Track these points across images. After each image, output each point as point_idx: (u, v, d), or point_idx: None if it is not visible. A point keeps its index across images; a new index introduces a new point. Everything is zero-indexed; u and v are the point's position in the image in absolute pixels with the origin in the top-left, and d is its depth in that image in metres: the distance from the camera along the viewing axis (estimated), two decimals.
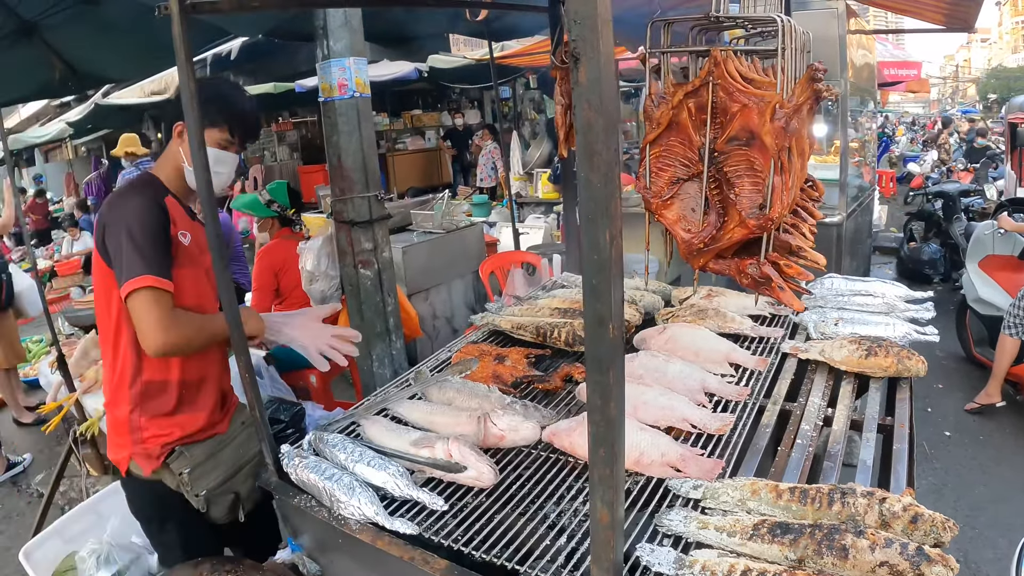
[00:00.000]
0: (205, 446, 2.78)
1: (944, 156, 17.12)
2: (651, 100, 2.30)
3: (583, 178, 1.19)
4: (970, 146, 17.28)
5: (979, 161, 14.70)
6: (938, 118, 27.88)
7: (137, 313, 2.45)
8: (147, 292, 2.43)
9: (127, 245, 2.44)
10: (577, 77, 1.15)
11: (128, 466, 2.75)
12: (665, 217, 2.35)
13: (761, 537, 1.85)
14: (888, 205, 14.93)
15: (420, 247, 6.99)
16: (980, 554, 4.49)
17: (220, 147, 2.74)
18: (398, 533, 2.12)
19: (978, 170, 14.00)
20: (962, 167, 14.46)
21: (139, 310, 2.44)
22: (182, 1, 2.14)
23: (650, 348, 3.16)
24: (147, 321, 2.44)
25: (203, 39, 7.27)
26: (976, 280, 6.96)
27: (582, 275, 1.25)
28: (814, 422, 2.58)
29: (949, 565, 1.66)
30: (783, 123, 1.99)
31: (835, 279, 3.74)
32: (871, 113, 8.97)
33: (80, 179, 20.28)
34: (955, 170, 14.68)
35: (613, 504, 1.45)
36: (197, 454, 2.74)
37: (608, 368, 1.30)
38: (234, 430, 2.92)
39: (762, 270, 2.18)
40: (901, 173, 17.89)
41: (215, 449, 2.81)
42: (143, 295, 2.43)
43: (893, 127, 26.89)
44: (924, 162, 17.35)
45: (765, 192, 2.08)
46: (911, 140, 24.45)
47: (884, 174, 17.05)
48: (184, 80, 2.20)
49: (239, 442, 2.90)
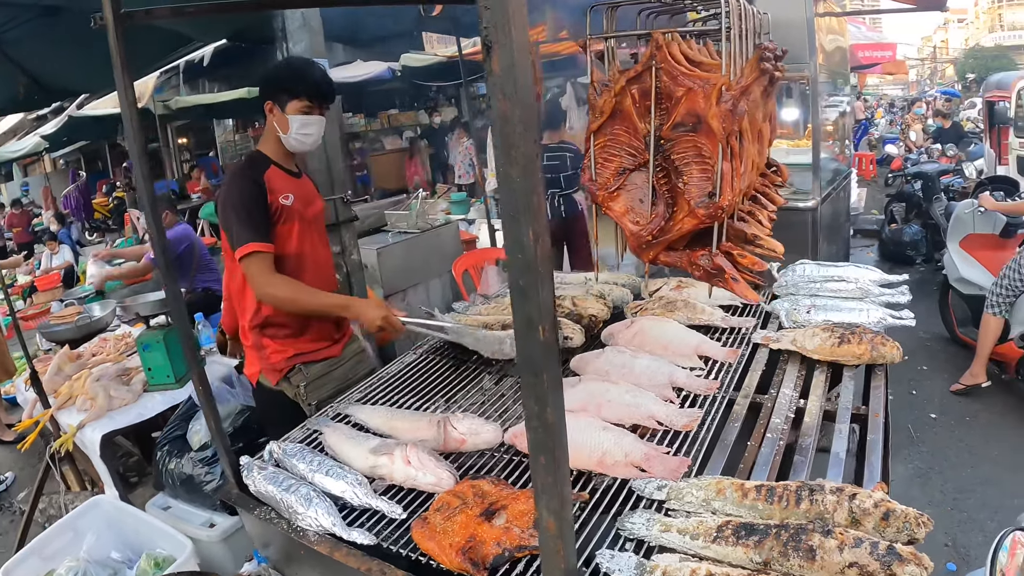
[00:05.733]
0: (320, 366, 3.40)
1: (910, 144, 17.07)
2: (594, 88, 2.24)
3: (502, 173, 1.12)
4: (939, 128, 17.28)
5: (946, 143, 14.70)
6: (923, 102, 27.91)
7: (246, 272, 3.08)
8: (250, 257, 3.03)
9: (232, 219, 3.06)
10: (490, 66, 1.08)
11: (259, 379, 3.41)
12: (612, 209, 2.27)
13: (725, 539, 1.79)
14: (869, 187, 14.95)
15: (395, 248, 6.97)
16: (969, 538, 4.45)
17: (303, 113, 3.19)
18: (356, 543, 2.10)
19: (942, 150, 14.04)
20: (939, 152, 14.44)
21: (246, 270, 3.07)
22: (116, 11, 2.21)
23: (618, 343, 3.11)
24: (251, 278, 3.08)
25: (168, 46, 7.17)
26: (957, 260, 6.92)
27: (508, 276, 1.19)
28: (785, 414, 2.52)
29: (922, 564, 1.61)
30: (730, 106, 1.91)
31: (807, 265, 3.67)
32: (846, 95, 8.94)
33: (58, 192, 20.20)
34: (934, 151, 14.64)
35: (559, 512, 1.39)
36: (313, 371, 3.36)
37: (541, 371, 1.23)
38: (346, 355, 3.57)
39: (714, 261, 2.10)
40: (881, 155, 17.89)
41: (328, 369, 3.43)
42: (248, 259, 3.03)
43: (872, 109, 26.89)
44: (901, 144, 17.37)
45: (715, 179, 2.01)
46: (890, 122, 24.44)
47: (864, 157, 17.06)
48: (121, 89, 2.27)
49: (349, 366, 3.55)
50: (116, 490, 4.43)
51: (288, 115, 3.16)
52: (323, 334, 3.46)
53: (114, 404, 4.55)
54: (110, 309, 6.40)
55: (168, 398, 4.67)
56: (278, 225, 3.19)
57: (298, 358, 3.34)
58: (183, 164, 19.41)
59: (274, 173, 3.24)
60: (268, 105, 3.22)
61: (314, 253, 3.39)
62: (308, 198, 3.41)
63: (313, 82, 3.21)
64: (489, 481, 2.20)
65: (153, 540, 3.63)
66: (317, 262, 3.42)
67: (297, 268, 3.27)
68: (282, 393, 3.37)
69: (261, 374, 3.40)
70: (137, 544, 3.70)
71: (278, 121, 3.21)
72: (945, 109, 19.42)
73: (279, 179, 3.25)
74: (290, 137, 3.20)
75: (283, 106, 3.16)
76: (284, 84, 3.19)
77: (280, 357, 3.33)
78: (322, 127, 3.29)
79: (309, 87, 3.18)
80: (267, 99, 3.22)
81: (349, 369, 3.54)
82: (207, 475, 3.93)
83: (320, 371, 3.39)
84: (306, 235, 3.34)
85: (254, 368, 3.42)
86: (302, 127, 3.19)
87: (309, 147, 3.31)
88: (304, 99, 3.17)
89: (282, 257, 3.20)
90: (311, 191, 3.50)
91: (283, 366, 3.33)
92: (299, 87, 3.17)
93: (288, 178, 3.32)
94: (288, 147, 3.28)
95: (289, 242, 3.24)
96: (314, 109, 3.21)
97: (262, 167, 3.23)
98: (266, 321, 3.30)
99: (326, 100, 3.26)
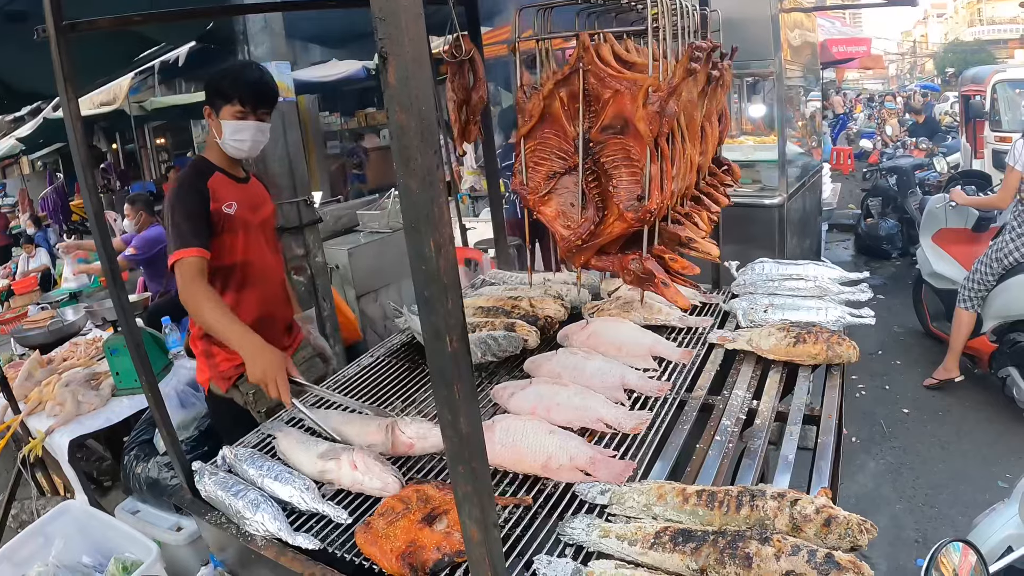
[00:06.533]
0: None
1: (886, 138, 17.11)
2: (522, 92, 2.23)
3: (401, 185, 1.12)
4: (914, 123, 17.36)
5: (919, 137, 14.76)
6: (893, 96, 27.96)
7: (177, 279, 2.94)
8: (177, 263, 2.92)
9: (169, 224, 3.00)
10: (386, 78, 1.07)
11: (209, 386, 3.39)
12: (544, 214, 2.27)
13: (663, 545, 1.79)
14: (847, 182, 15.00)
15: (367, 248, 6.96)
16: (940, 534, 4.44)
17: (236, 119, 3.11)
18: (302, 548, 2.10)
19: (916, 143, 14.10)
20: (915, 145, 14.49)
21: (177, 277, 2.94)
22: (58, 23, 2.21)
23: (572, 344, 3.11)
24: (179, 285, 2.94)
25: (137, 48, 7.16)
26: (930, 254, 6.97)
27: (414, 287, 1.18)
28: (736, 416, 2.52)
29: (861, 572, 1.59)
30: (657, 107, 1.90)
31: (766, 263, 3.65)
32: (816, 91, 8.96)
33: (35, 195, 20.03)
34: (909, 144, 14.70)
35: (482, 521, 1.38)
36: None
37: (453, 382, 1.23)
38: (296, 361, 3.36)
39: (644, 265, 2.10)
40: (859, 150, 17.95)
41: None
42: (177, 265, 2.92)
43: (851, 104, 26.93)
44: (878, 139, 17.42)
45: (643, 182, 2.00)
46: (868, 116, 24.49)
47: (842, 151, 17.14)
48: (64, 101, 2.31)
49: (299, 371, 3.20)
50: (86, 495, 4.40)
51: (222, 120, 3.11)
52: (271, 340, 3.22)
53: (82, 409, 4.53)
54: (82, 313, 6.37)
55: (136, 402, 4.63)
56: (222, 234, 3.13)
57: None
58: (161, 165, 19.31)
59: (218, 180, 3.19)
60: (207, 110, 3.17)
61: (261, 261, 3.35)
62: (255, 203, 3.36)
63: (246, 86, 3.12)
64: (434, 485, 2.19)
65: (121, 544, 3.62)
66: (264, 270, 3.39)
67: (242, 277, 3.26)
68: (232, 400, 3.35)
69: (211, 381, 3.38)
70: (106, 548, 3.69)
71: (214, 127, 3.16)
72: (917, 105, 19.51)
73: (223, 186, 3.19)
74: (225, 143, 3.16)
75: (218, 111, 3.11)
76: (218, 88, 3.11)
77: (229, 365, 3.28)
78: (260, 133, 3.22)
79: (242, 91, 3.10)
80: (206, 103, 3.16)
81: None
82: (173, 479, 3.90)
83: None
84: (252, 243, 3.29)
85: (204, 375, 3.41)
86: (234, 132, 3.13)
87: (247, 154, 3.24)
88: (237, 104, 3.09)
89: (227, 267, 3.19)
90: (259, 196, 3.45)
91: (232, 373, 3.30)
92: (232, 91, 3.09)
93: (233, 185, 3.26)
94: (226, 153, 3.22)
95: (234, 251, 3.20)
96: (248, 115, 3.13)
97: (207, 174, 3.17)
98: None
99: (261, 104, 3.17)
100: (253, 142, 3.20)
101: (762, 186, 6.11)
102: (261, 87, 3.17)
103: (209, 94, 3.14)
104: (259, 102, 3.15)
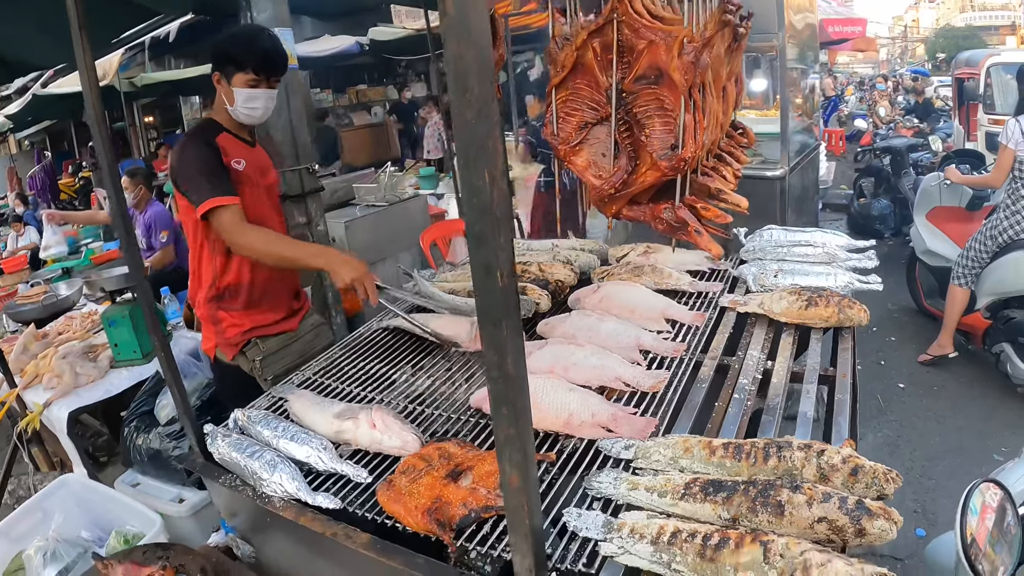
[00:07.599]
0: (276, 340, 3.39)
1: (878, 120, 17.11)
2: (555, 42, 2.21)
3: (457, 116, 1.09)
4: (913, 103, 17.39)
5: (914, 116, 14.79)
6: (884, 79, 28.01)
7: (218, 226, 2.99)
8: (217, 211, 2.94)
9: (192, 180, 3.00)
10: (444, 7, 1.05)
11: (215, 353, 3.39)
12: (575, 164, 2.27)
13: (693, 496, 1.78)
14: (838, 163, 15.00)
15: (363, 221, 6.97)
16: (937, 504, 4.51)
17: (249, 86, 3.09)
18: (322, 508, 2.08)
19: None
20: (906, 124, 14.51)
21: (217, 225, 2.98)
22: None
23: (584, 307, 3.09)
24: (224, 231, 2.98)
25: (131, 20, 7.04)
26: (924, 232, 6.98)
27: (464, 223, 1.17)
28: (752, 376, 2.53)
29: (892, 519, 1.60)
30: (692, 58, 1.90)
31: (775, 230, 3.66)
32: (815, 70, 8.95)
33: (23, 173, 19.90)
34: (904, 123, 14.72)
35: (523, 466, 1.37)
36: (269, 345, 3.35)
37: (501, 320, 1.21)
38: (303, 328, 3.56)
39: (677, 214, 2.10)
40: (851, 132, 17.95)
41: (285, 343, 3.42)
42: (215, 213, 2.94)
43: (842, 86, 26.94)
44: (870, 120, 17.43)
45: (677, 132, 1.99)
46: (860, 99, 24.52)
47: (834, 133, 17.13)
48: (80, 54, 2.26)
49: (306, 339, 3.54)
50: (84, 468, 4.37)
51: (234, 88, 3.08)
52: (279, 306, 3.45)
53: (80, 381, 4.50)
54: (76, 287, 6.32)
55: (135, 374, 4.62)
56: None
57: (254, 332, 3.33)
58: (150, 143, 19.16)
59: (227, 139, 3.19)
60: (216, 76, 3.13)
61: (269, 223, 3.29)
62: (262, 167, 3.38)
63: (260, 53, 3.09)
64: (455, 443, 2.19)
65: (122, 517, 3.57)
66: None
67: None
68: (239, 368, 3.36)
69: (217, 348, 3.38)
70: (107, 522, 3.64)
71: (225, 94, 3.13)
72: (918, 87, 19.53)
73: (232, 144, 3.19)
74: (237, 110, 3.13)
75: (229, 78, 3.08)
76: (230, 55, 3.08)
77: (236, 331, 3.31)
78: (271, 100, 3.21)
79: (256, 59, 3.07)
80: (215, 70, 3.12)
81: (306, 343, 3.53)
82: (175, 450, 3.88)
83: (276, 345, 3.38)
84: (258, 203, 3.28)
85: (210, 343, 3.40)
86: (247, 100, 3.10)
87: (258, 120, 3.24)
88: (250, 72, 3.06)
89: None
90: (265, 161, 3.46)
91: (239, 340, 3.31)
92: (245, 59, 3.06)
93: (241, 145, 3.26)
94: (235, 118, 3.20)
95: (244, 209, 3.13)
96: (261, 82, 3.11)
97: (214, 132, 3.18)
98: (222, 293, 3.27)
99: (274, 73, 3.15)
100: (264, 109, 3.21)
101: (764, 159, 6.10)
102: (275, 56, 3.15)
103: (220, 60, 3.10)
104: (272, 71, 3.14)
